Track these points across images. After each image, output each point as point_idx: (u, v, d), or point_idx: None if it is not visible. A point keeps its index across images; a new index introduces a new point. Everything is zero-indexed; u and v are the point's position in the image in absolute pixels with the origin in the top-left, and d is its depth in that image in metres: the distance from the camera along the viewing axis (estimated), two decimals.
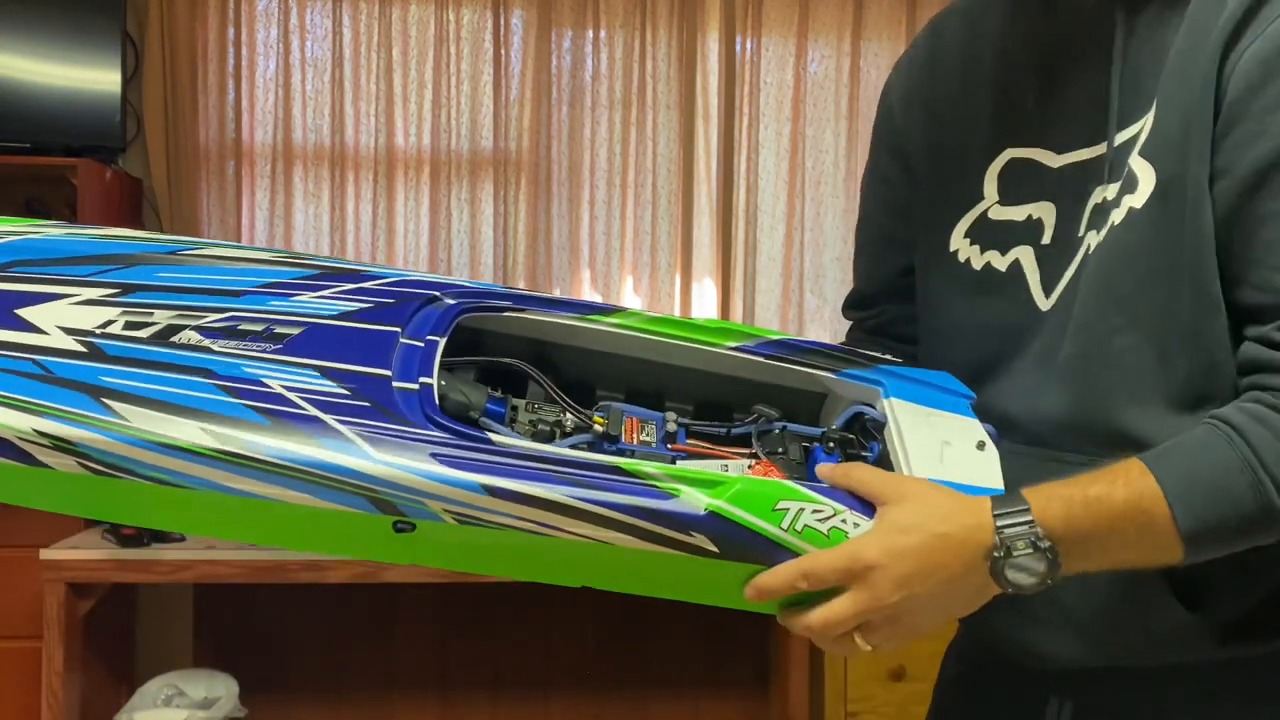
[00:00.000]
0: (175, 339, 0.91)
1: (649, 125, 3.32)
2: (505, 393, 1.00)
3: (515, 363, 1.02)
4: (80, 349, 0.88)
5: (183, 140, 3.15)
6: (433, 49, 3.26)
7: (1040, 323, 1.00)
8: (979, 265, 1.06)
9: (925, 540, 0.85)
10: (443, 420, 0.89)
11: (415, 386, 0.91)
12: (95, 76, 2.96)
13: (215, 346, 0.91)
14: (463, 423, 0.91)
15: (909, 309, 1.16)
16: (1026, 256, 1.03)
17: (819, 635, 0.88)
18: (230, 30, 3.19)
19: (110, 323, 0.92)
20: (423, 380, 0.91)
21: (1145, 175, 0.93)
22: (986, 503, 0.87)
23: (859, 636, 0.87)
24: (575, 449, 0.94)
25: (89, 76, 2.96)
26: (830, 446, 0.99)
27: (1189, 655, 0.95)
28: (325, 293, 1.00)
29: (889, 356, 1.10)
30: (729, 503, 0.86)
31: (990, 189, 1.06)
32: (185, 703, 2.71)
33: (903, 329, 1.17)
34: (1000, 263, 1.04)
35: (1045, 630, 1.00)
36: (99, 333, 0.90)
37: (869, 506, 0.89)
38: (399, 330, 0.96)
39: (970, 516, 0.86)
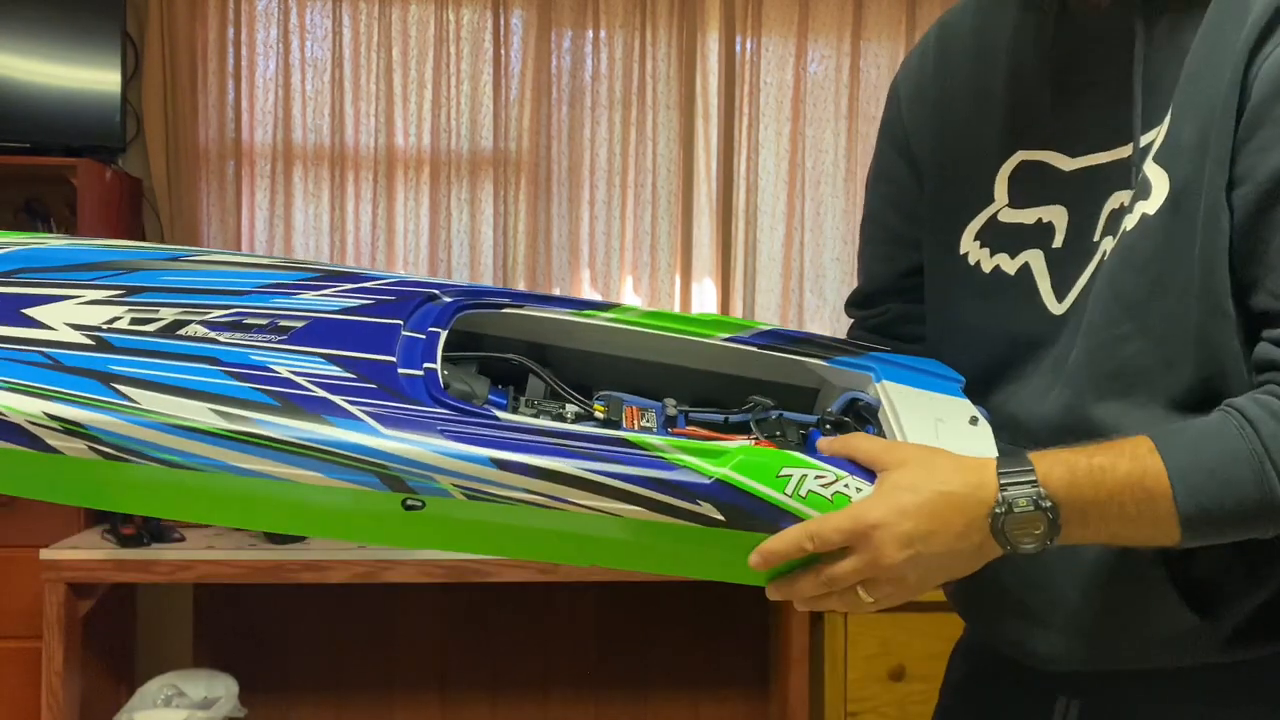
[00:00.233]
0: (181, 332, 0.92)
1: (649, 125, 3.32)
2: (506, 389, 1.01)
3: (515, 357, 1.03)
4: (88, 342, 0.90)
5: (182, 140, 3.15)
6: (433, 49, 3.26)
7: (1054, 328, 1.00)
8: (988, 268, 1.06)
9: (929, 498, 0.86)
10: (450, 401, 0.90)
11: (420, 371, 0.92)
12: (95, 76, 2.96)
13: (221, 338, 0.92)
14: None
15: (913, 308, 1.16)
16: (1036, 260, 1.03)
17: (821, 594, 0.89)
18: (230, 30, 3.20)
19: (116, 319, 0.93)
20: (427, 365, 0.93)
21: (1159, 182, 0.93)
22: (990, 463, 0.88)
23: (861, 590, 0.88)
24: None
25: (89, 76, 2.96)
26: (827, 429, 1.01)
27: (1194, 659, 0.95)
28: (327, 291, 1.01)
29: (879, 345, 1.11)
30: (734, 470, 0.88)
31: (1000, 191, 1.06)
32: (185, 703, 2.71)
33: (906, 328, 1.17)
34: (1009, 266, 1.04)
35: (1050, 634, 1.00)
36: (106, 328, 0.91)
37: (871, 474, 0.90)
38: (400, 323, 0.97)
39: (974, 475, 0.88)
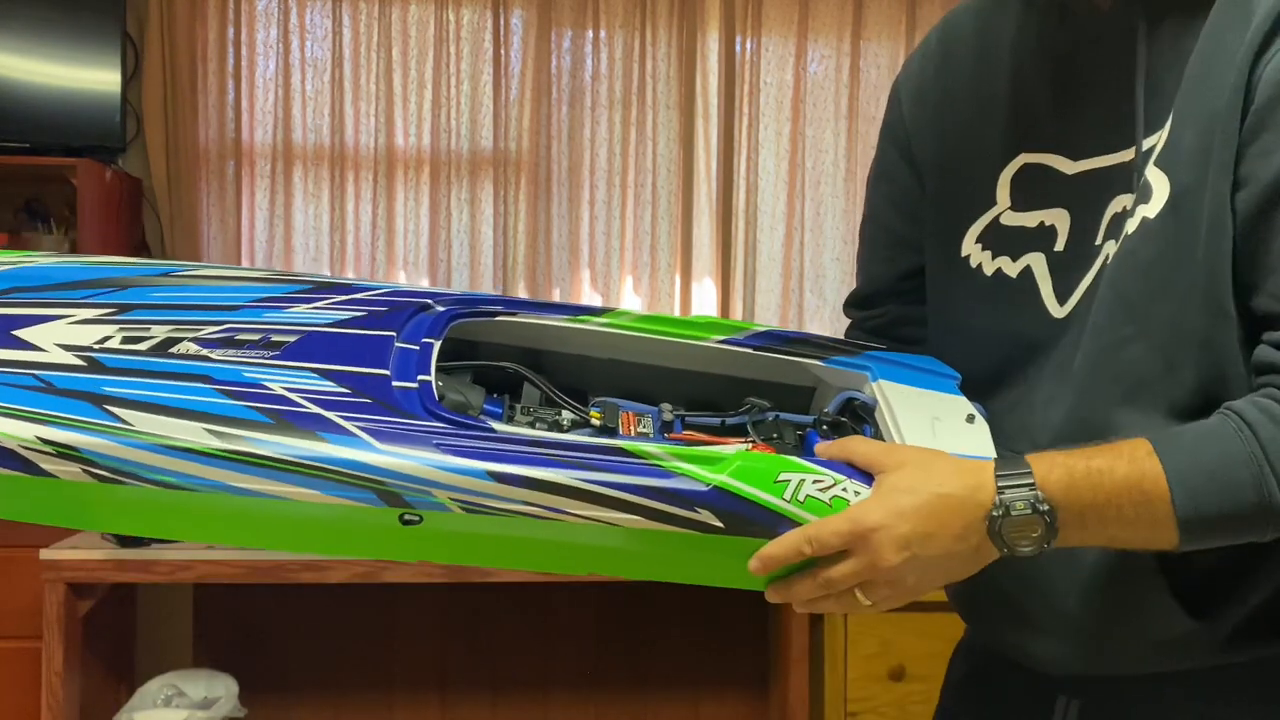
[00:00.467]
0: (173, 350, 0.92)
1: (649, 125, 3.32)
2: (501, 398, 1.01)
3: (509, 365, 1.02)
4: (80, 363, 0.89)
5: (182, 140, 3.15)
6: (433, 49, 3.26)
7: (1056, 332, 1.00)
8: (990, 271, 1.06)
9: (927, 500, 0.86)
10: (445, 414, 0.90)
11: (414, 384, 0.92)
12: (95, 76, 2.96)
13: (213, 355, 0.92)
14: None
15: (912, 311, 1.16)
16: (1038, 263, 1.02)
17: (819, 596, 0.89)
18: (230, 30, 3.19)
19: (108, 338, 0.92)
20: (421, 378, 0.92)
21: (1160, 186, 0.92)
22: (989, 465, 0.88)
23: (859, 592, 0.88)
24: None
25: (89, 76, 2.96)
26: (824, 430, 1.01)
27: (1192, 662, 0.95)
28: (319, 304, 1.01)
29: (874, 344, 1.11)
30: (732, 477, 0.88)
31: (1003, 194, 1.06)
32: (185, 703, 2.71)
33: (905, 330, 1.17)
34: (1011, 269, 1.04)
35: (1049, 638, 1.00)
36: (97, 348, 0.91)
37: (869, 477, 0.90)
38: (394, 335, 0.97)
39: (972, 477, 0.88)
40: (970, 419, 0.99)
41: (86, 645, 2.60)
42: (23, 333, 0.91)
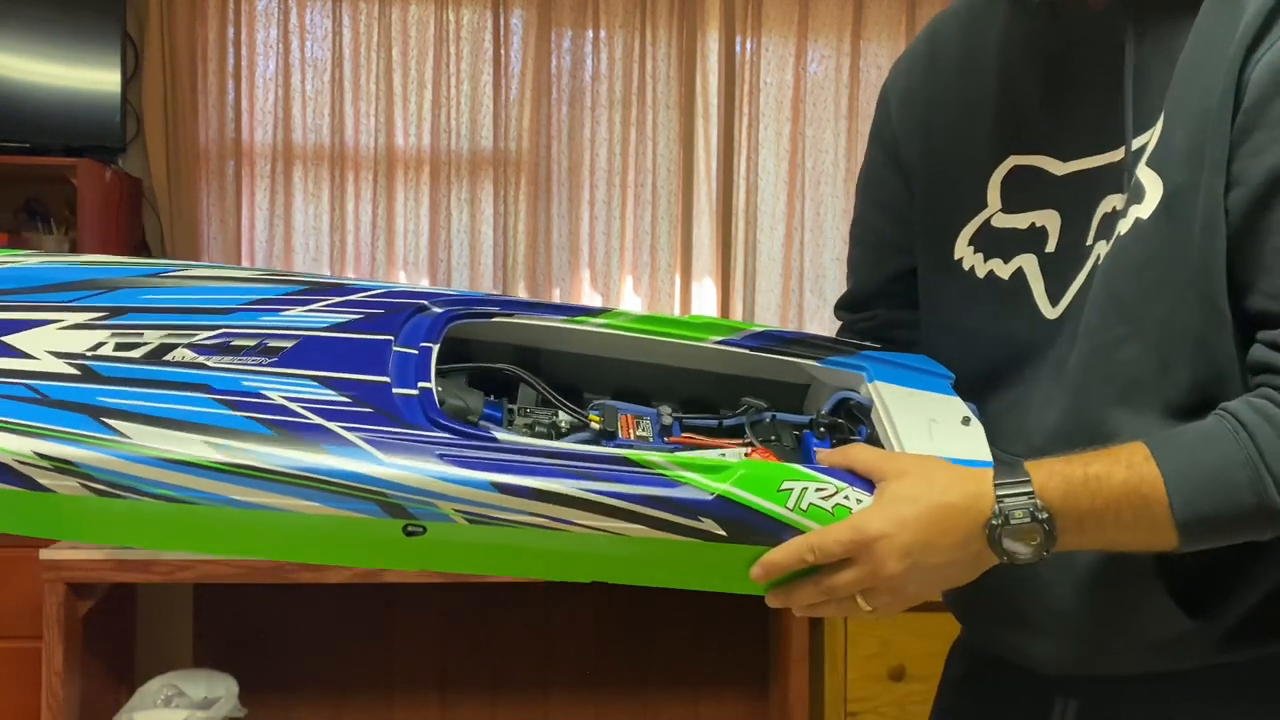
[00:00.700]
0: (169, 357, 0.90)
1: (649, 125, 3.32)
2: (498, 399, 1.01)
3: (506, 367, 1.02)
4: (73, 371, 0.87)
5: (182, 140, 3.15)
6: (433, 49, 3.26)
7: (1049, 333, 1.00)
8: (982, 273, 1.06)
9: (928, 510, 0.87)
10: (446, 422, 0.89)
11: (415, 391, 0.91)
12: (95, 76, 2.96)
13: (210, 363, 0.90)
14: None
15: (903, 314, 1.16)
16: (1030, 264, 1.02)
17: (820, 602, 0.90)
18: (230, 30, 3.19)
19: (101, 345, 0.90)
20: (422, 385, 0.92)
21: (1152, 186, 0.92)
22: (988, 473, 0.89)
23: (861, 598, 0.89)
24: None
25: (89, 76, 2.96)
26: (821, 432, 1.01)
27: (1189, 661, 0.96)
28: (314, 306, 0.99)
29: (869, 343, 1.11)
30: (736, 486, 0.88)
31: (993, 196, 1.06)
32: (185, 703, 2.71)
33: (896, 333, 1.17)
34: (1003, 270, 1.04)
35: (1046, 639, 1.00)
36: (90, 355, 0.89)
37: (870, 484, 0.90)
38: (391, 339, 0.96)
39: (972, 485, 0.88)
40: (966, 421, 0.99)
41: (86, 645, 2.60)
42: (13, 339, 0.90)
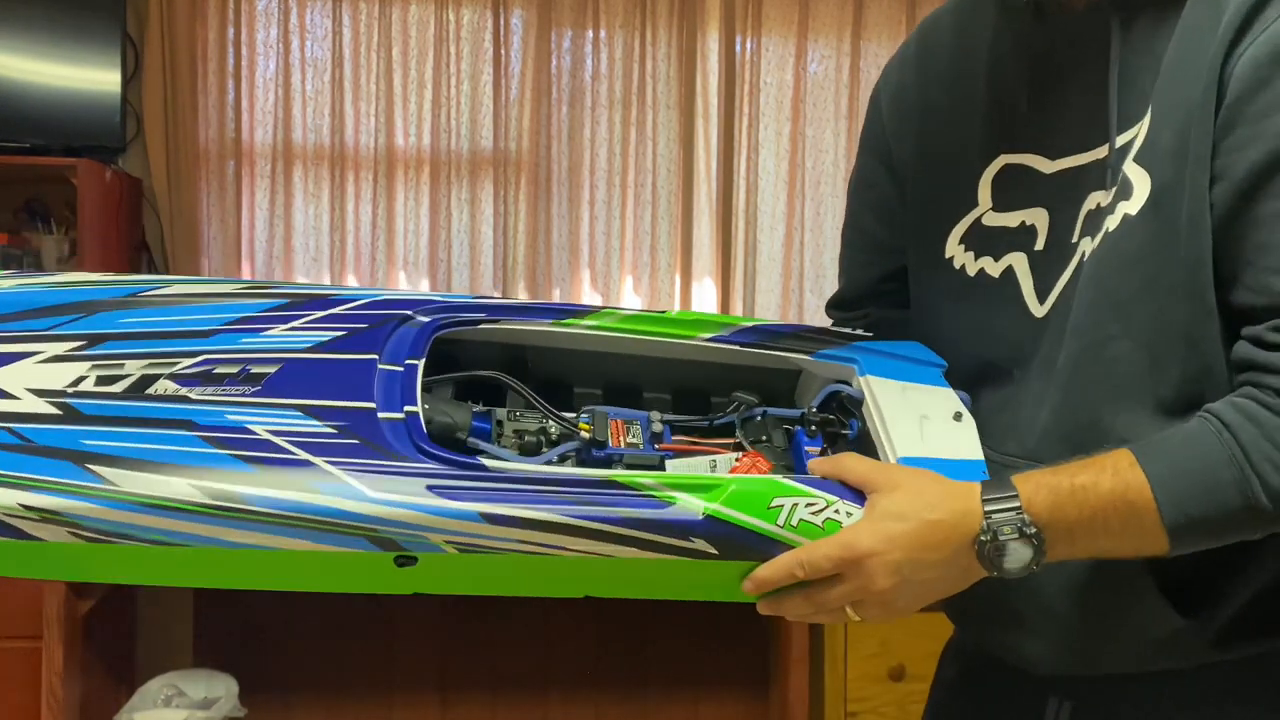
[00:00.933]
0: (151, 390, 0.89)
1: (649, 125, 3.32)
2: (485, 404, 1.00)
3: (494, 375, 1.01)
4: (55, 411, 0.85)
5: (182, 140, 3.15)
6: (433, 49, 3.26)
7: (1037, 331, 1.00)
8: (973, 272, 1.06)
9: (917, 527, 0.87)
10: (433, 450, 0.88)
11: (401, 416, 0.90)
12: (95, 76, 2.96)
13: (193, 395, 0.89)
14: (451, 446, 0.90)
15: (893, 313, 1.17)
16: (1020, 263, 1.03)
17: (810, 614, 0.91)
18: (230, 30, 3.19)
19: (81, 379, 0.89)
20: (407, 409, 0.90)
21: (1140, 182, 0.93)
22: (976, 489, 0.89)
23: (850, 609, 0.90)
24: (565, 458, 0.94)
25: (89, 76, 2.96)
26: (812, 429, 1.01)
27: (1182, 661, 0.96)
28: (296, 324, 0.98)
29: (860, 332, 1.11)
30: (725, 505, 0.87)
31: (984, 195, 1.06)
32: (185, 703, 2.71)
33: (886, 333, 1.17)
34: (993, 269, 1.05)
35: (1039, 640, 1.00)
36: (71, 392, 0.87)
37: (860, 496, 0.90)
38: (375, 357, 0.95)
39: (960, 502, 0.88)
40: (958, 417, 0.99)
41: (86, 645, 2.60)
42: None
